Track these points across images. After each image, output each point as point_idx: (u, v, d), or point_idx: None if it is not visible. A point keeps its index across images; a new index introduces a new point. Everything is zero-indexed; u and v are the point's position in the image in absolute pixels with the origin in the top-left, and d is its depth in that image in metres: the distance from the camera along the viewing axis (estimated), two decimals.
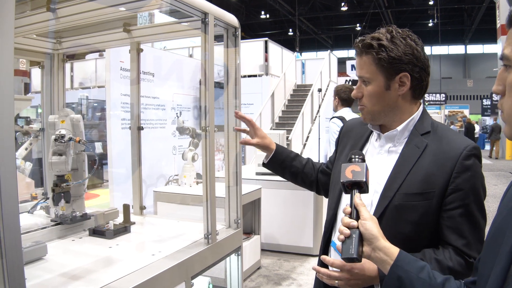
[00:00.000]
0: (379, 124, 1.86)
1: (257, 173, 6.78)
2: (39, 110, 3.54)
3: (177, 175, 5.71)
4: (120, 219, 2.96)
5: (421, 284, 1.34)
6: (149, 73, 6.74)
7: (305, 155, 2.18)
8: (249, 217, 6.06)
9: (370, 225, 1.43)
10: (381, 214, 1.69)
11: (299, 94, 15.23)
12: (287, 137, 10.64)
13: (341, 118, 5.87)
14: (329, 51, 18.20)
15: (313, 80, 15.27)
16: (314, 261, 6.46)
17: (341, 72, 23.66)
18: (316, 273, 1.70)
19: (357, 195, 1.51)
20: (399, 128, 1.79)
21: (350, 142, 2.01)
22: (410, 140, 1.77)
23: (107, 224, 2.78)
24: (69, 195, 2.71)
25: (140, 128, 3.34)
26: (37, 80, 3.32)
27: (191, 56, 11.83)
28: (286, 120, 13.69)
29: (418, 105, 1.83)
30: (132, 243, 2.62)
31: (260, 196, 6.01)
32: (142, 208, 3.33)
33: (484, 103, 31.23)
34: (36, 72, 10.19)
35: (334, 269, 1.63)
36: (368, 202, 1.74)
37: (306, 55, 33.68)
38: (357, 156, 1.58)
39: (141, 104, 3.40)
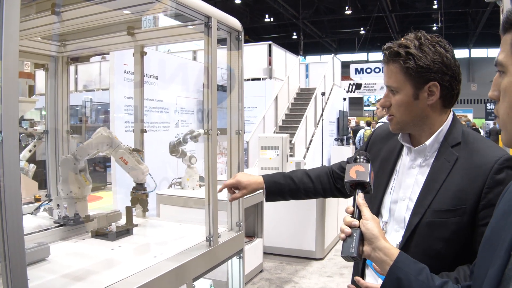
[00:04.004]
0: (408, 133, 1.80)
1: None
2: (43, 112, 3.55)
3: (180, 178, 5.72)
4: (122, 221, 2.97)
5: (419, 286, 1.34)
6: (152, 76, 6.76)
7: (308, 159, 2.16)
8: (252, 220, 6.06)
9: (371, 225, 1.44)
10: (413, 231, 1.66)
11: (303, 97, 15.26)
12: (290, 141, 10.64)
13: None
14: (332, 54, 18.19)
15: (316, 84, 15.31)
16: (316, 265, 6.50)
17: (345, 75, 23.64)
18: None
19: (360, 195, 1.51)
20: (428, 142, 1.71)
21: (382, 154, 1.94)
22: (440, 154, 1.70)
23: (109, 226, 2.79)
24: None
25: (143, 131, 3.35)
26: (42, 83, 3.34)
27: (194, 59, 11.84)
28: (290, 124, 13.71)
29: (448, 114, 1.75)
30: (134, 245, 2.63)
31: (263, 199, 5.98)
32: (145, 210, 3.34)
33: (488, 107, 31.14)
34: (40, 75, 10.19)
35: None
36: (402, 218, 1.73)
37: (310, 58, 33.60)
38: (362, 157, 1.57)
39: (144, 107, 3.42)
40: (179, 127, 7.57)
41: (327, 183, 2.21)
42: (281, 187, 2.21)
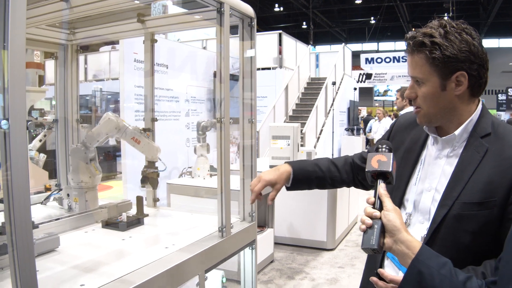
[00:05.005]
0: (435, 126, 1.73)
1: (271, 166, 6.73)
2: (53, 102, 3.53)
3: (190, 167, 5.69)
4: (133, 211, 2.94)
5: (442, 280, 1.31)
6: (163, 65, 6.71)
7: (318, 148, 2.08)
8: (263, 210, 6.01)
9: (393, 216, 1.40)
10: (439, 224, 1.59)
11: (313, 87, 15.21)
12: (301, 130, 10.58)
13: None
14: (343, 44, 18.08)
15: (327, 73, 15.27)
16: (327, 255, 6.47)
17: (355, 65, 23.51)
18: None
19: (381, 185, 1.47)
20: (457, 132, 1.64)
21: (405, 145, 1.87)
22: (469, 144, 1.63)
23: (120, 216, 2.76)
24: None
25: (154, 120, 3.30)
26: (51, 73, 3.32)
27: (204, 48, 11.79)
28: (300, 113, 13.66)
29: (477, 103, 1.68)
30: (146, 235, 2.59)
31: None
32: (156, 200, 3.31)
33: (499, 98, 30.85)
34: (50, 64, 10.18)
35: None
36: (427, 209, 1.67)
37: (320, 48, 33.47)
38: (384, 146, 1.52)
39: (154, 96, 3.37)
40: (189, 116, 7.54)
41: (350, 173, 2.17)
42: (309, 175, 2.15)
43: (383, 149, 1.52)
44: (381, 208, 1.43)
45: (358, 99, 19.09)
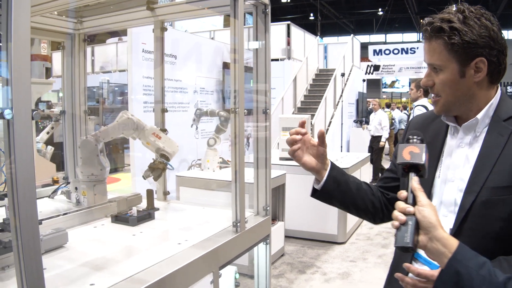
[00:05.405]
0: (454, 116, 1.67)
1: (281, 158, 6.64)
2: (61, 94, 3.48)
3: (199, 160, 5.60)
4: (143, 205, 2.85)
5: (481, 281, 1.24)
6: (171, 55, 6.61)
7: (327, 140, 1.79)
8: (273, 203, 5.93)
9: (429, 212, 1.31)
10: (467, 212, 1.52)
11: (322, 78, 15.13)
12: (311, 122, 10.48)
13: (424, 107, 6.36)
14: (352, 35, 17.96)
15: (335, 65, 15.22)
16: (338, 249, 6.38)
17: (363, 57, 23.34)
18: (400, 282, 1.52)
19: (414, 179, 1.38)
20: (479, 115, 1.58)
21: (426, 139, 1.69)
22: (492, 128, 1.57)
23: (130, 210, 2.66)
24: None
25: (164, 110, 3.20)
26: (58, 65, 3.29)
27: (212, 39, 11.69)
28: (308, 105, 13.58)
29: (496, 89, 1.62)
30: (157, 230, 2.49)
31: (285, 181, 5.89)
32: (166, 193, 3.22)
33: (508, 90, 30.66)
34: (57, 57, 10.13)
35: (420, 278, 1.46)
36: (451, 200, 1.59)
37: (327, 39, 33.25)
38: (415, 137, 1.44)
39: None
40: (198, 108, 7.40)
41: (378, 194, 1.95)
42: (343, 173, 1.90)
43: (415, 140, 1.44)
44: (414, 203, 1.34)
45: (366, 91, 18.96)
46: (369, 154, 9.59)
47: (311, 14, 35.81)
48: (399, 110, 18.69)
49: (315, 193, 1.90)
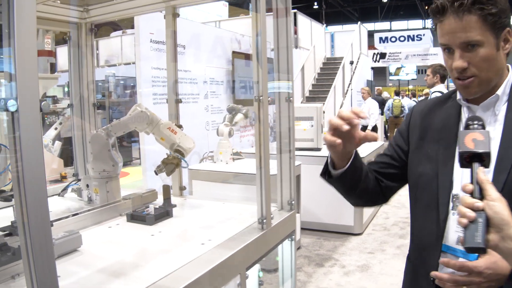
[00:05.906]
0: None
1: (296, 148, 6.47)
2: (66, 89, 3.36)
3: (212, 152, 5.44)
4: (159, 201, 2.68)
5: None
6: (180, 45, 6.44)
7: None
8: None
9: (500, 207, 1.13)
10: (501, 190, 1.31)
11: (329, 67, 15.06)
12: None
13: (441, 93, 6.10)
14: (359, 23, 17.80)
15: (342, 53, 15.18)
16: (355, 240, 6.21)
17: (369, 45, 23.18)
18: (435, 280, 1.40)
19: (480, 169, 1.20)
20: (499, 92, 1.47)
21: (435, 125, 1.63)
22: None
23: (146, 208, 2.49)
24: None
25: (178, 101, 3.02)
26: (63, 60, 3.17)
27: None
28: (317, 94, 13.50)
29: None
30: (177, 229, 2.32)
31: (300, 172, 5.71)
32: (182, 188, 3.05)
33: None
34: (61, 52, 10.00)
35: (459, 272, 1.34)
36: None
37: (332, 28, 33.02)
38: (475, 122, 1.25)
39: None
40: (208, 98, 7.27)
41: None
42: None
43: (475, 126, 1.25)
44: (481, 197, 1.16)
45: (373, 78, 18.82)
46: (383, 143, 9.42)
47: (315, 3, 35.60)
48: (408, 98, 18.49)
49: (329, 177, 1.75)
